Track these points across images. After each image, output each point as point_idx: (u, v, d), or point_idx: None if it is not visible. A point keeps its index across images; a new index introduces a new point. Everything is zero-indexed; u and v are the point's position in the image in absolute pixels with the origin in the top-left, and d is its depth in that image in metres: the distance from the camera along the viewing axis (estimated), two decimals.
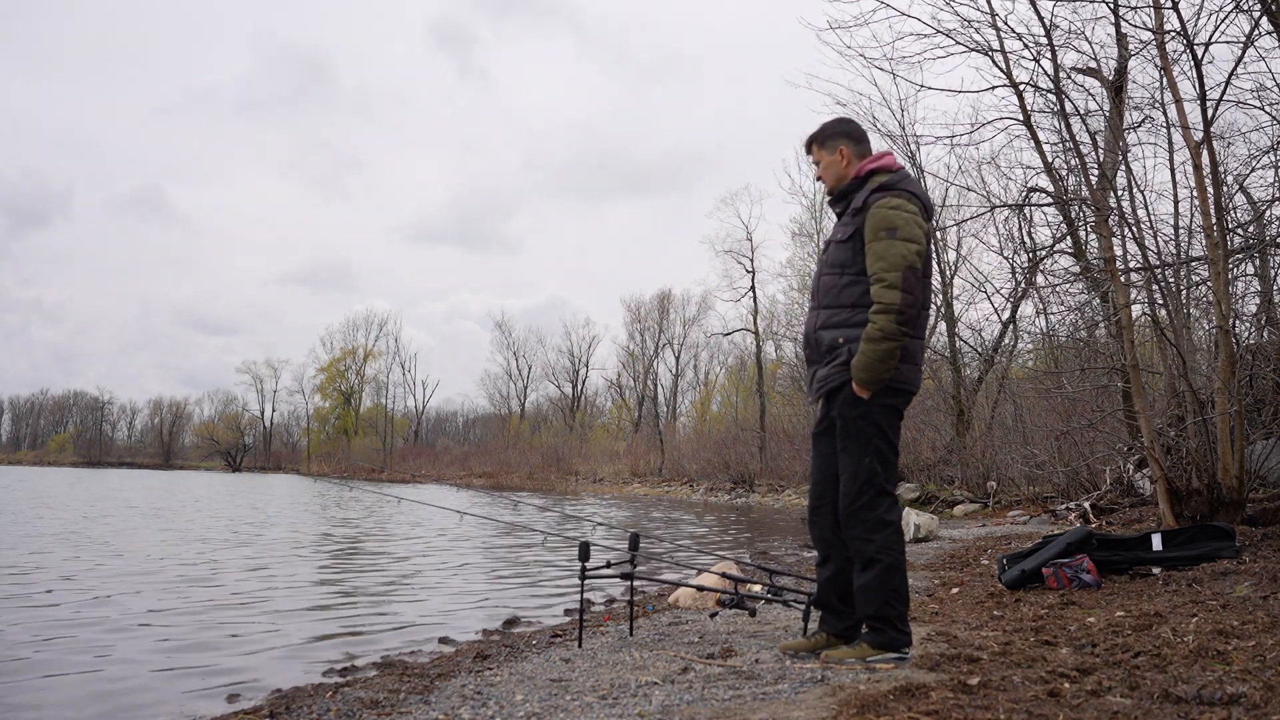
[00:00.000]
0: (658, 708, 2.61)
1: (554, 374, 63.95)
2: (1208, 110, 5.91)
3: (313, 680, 3.93)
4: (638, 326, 56.00)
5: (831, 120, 3.40)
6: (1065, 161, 8.37)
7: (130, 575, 7.44)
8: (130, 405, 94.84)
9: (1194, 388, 6.42)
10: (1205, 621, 3.37)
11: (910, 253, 3.02)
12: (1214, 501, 6.03)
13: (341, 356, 71.44)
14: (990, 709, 2.27)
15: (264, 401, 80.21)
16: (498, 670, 3.55)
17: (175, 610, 5.80)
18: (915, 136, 16.37)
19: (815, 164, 3.38)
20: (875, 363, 3.01)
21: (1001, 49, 7.08)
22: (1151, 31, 6.24)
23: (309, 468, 62.85)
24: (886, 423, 3.14)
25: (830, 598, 3.32)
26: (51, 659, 4.38)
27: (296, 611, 5.84)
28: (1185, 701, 2.28)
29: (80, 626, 5.19)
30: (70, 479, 38.82)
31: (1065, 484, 11.60)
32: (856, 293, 3.14)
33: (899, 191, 3.13)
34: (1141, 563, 4.96)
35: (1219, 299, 5.89)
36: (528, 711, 2.67)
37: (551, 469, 43.20)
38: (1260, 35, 6.02)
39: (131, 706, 3.61)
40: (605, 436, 53.74)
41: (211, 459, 79.60)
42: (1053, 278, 10.89)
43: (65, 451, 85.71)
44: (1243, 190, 7.55)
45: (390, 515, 16.53)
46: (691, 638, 4.03)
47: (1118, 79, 8.13)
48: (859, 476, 3.10)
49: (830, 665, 3.04)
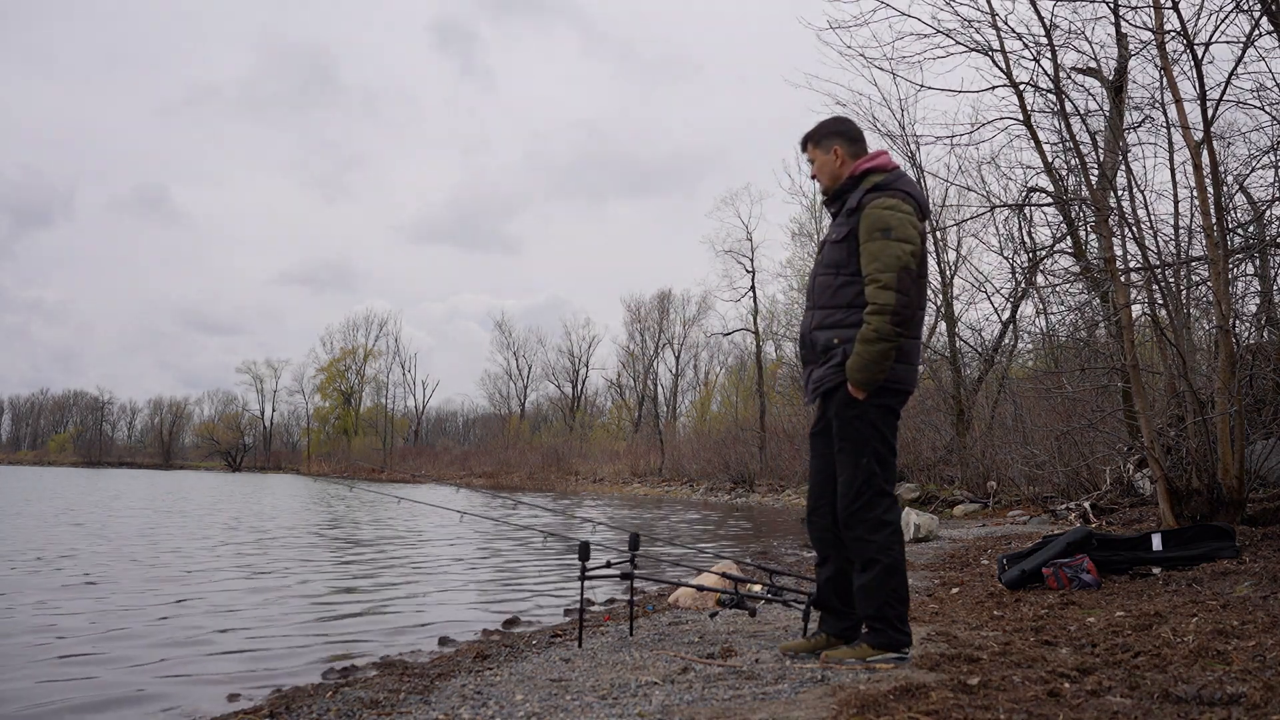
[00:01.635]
0: (658, 708, 2.61)
1: (554, 374, 64.04)
2: (1208, 110, 5.91)
3: (313, 680, 3.93)
4: (638, 326, 56.07)
5: (827, 119, 3.38)
6: (1065, 161, 8.36)
7: (130, 575, 7.44)
8: (130, 405, 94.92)
9: (1194, 388, 6.42)
10: (1205, 621, 3.37)
11: (905, 253, 3.01)
12: (1214, 501, 6.03)
13: (341, 356, 71.49)
14: (990, 709, 2.27)
15: (264, 401, 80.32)
16: (498, 670, 3.55)
17: (175, 610, 5.80)
18: (915, 136, 16.35)
19: (810, 163, 3.36)
20: (870, 363, 3.01)
21: (1001, 49, 7.09)
22: (1151, 31, 6.24)
23: (309, 468, 62.82)
24: (883, 423, 3.13)
25: (830, 598, 3.32)
26: (51, 658, 4.39)
27: (296, 611, 5.84)
28: (1185, 701, 2.28)
29: (80, 626, 5.19)
30: (75, 479, 38.80)
31: (1065, 484, 11.60)
32: (851, 293, 3.14)
33: (894, 191, 3.12)
34: (1141, 563, 4.96)
35: (1219, 299, 5.89)
36: (528, 711, 2.67)
37: (551, 469, 43.19)
38: (1260, 35, 6.02)
39: (132, 706, 3.61)
40: (605, 436, 53.73)
41: (211, 459, 79.55)
42: (1053, 278, 10.90)
43: (65, 451, 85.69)
44: (1243, 190, 7.55)
45: (390, 515, 16.53)
46: (691, 638, 4.03)
47: (1118, 79, 8.13)
48: (857, 477, 3.09)
49: (830, 665, 3.04)
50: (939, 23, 6.99)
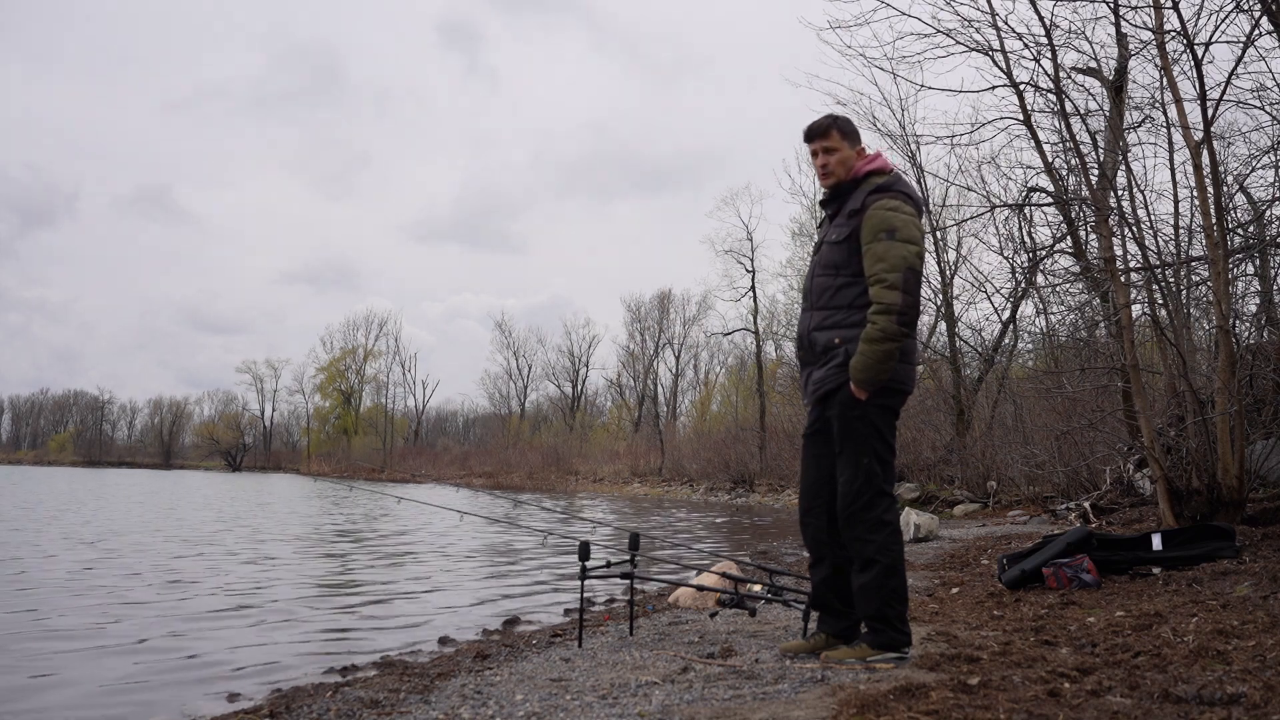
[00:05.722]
0: (658, 707, 2.61)
1: (554, 374, 64.00)
2: (1208, 110, 5.91)
3: (313, 680, 3.93)
4: (638, 326, 56.02)
5: (843, 117, 3.35)
6: (1065, 161, 8.36)
7: (130, 574, 7.44)
8: (130, 405, 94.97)
9: (1194, 388, 6.42)
10: (1205, 621, 3.37)
11: (910, 254, 3.03)
12: (1214, 501, 6.03)
13: (341, 356, 71.42)
14: (990, 709, 2.27)
15: (264, 401, 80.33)
16: (498, 670, 3.55)
17: (175, 609, 5.80)
18: (915, 136, 16.35)
19: (829, 151, 3.25)
20: (875, 363, 3.01)
21: (1002, 49, 7.08)
22: (1151, 31, 6.24)
23: (309, 467, 62.83)
24: (884, 423, 3.14)
25: (828, 598, 3.32)
26: (51, 658, 4.39)
27: (297, 611, 5.84)
28: (1185, 701, 2.28)
29: (80, 626, 5.19)
30: (75, 479, 38.80)
31: (1065, 484, 11.60)
32: (853, 294, 3.14)
33: (896, 193, 3.13)
34: (1141, 562, 4.96)
35: (1219, 299, 5.89)
36: (528, 711, 2.67)
37: (551, 469, 43.20)
38: (1260, 35, 6.02)
39: (131, 706, 3.61)
40: (605, 436, 53.69)
41: (211, 459, 79.56)
42: (1053, 278, 10.89)
43: (65, 451, 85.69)
44: (1243, 190, 7.56)
45: (390, 515, 16.53)
46: (691, 637, 4.03)
47: (1118, 79, 8.14)
48: (858, 478, 3.09)
49: (830, 665, 3.04)
50: (939, 22, 7.00)
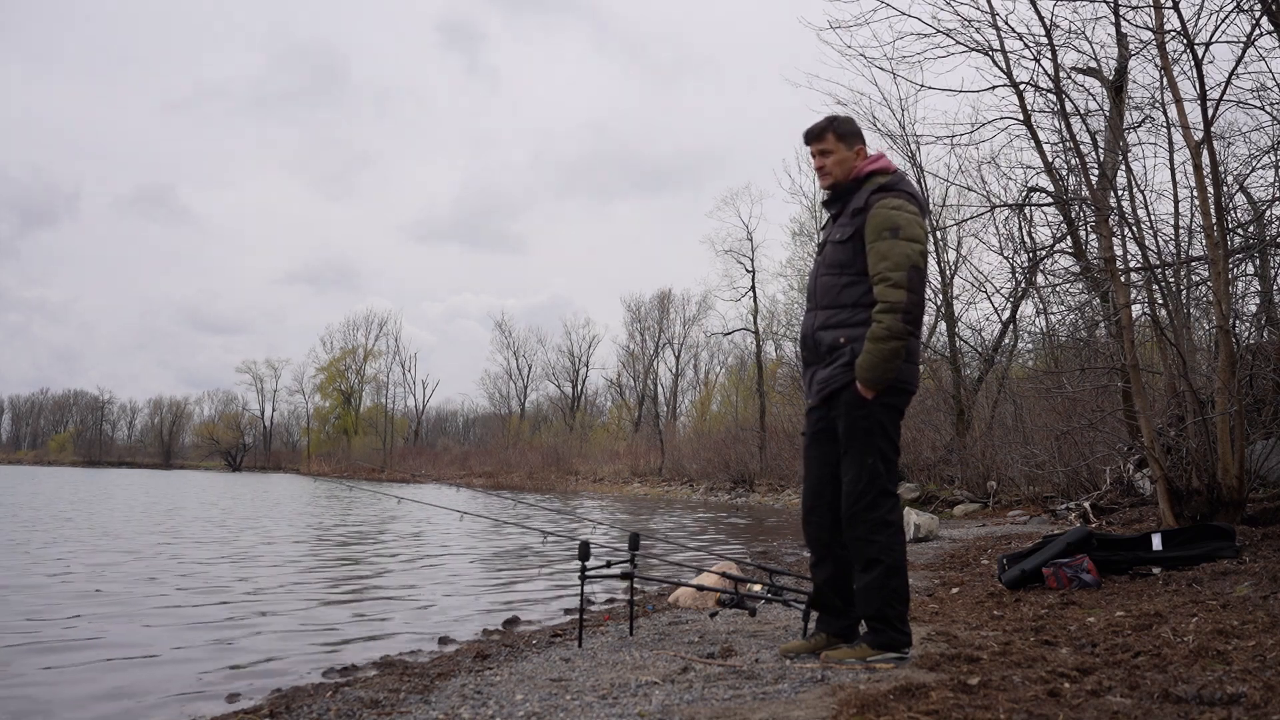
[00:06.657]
0: (658, 707, 2.61)
1: (554, 374, 63.95)
2: (1208, 110, 5.91)
3: (313, 680, 3.93)
4: (638, 326, 55.95)
5: (843, 117, 3.35)
6: (1065, 161, 8.36)
7: (130, 574, 7.44)
8: (130, 405, 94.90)
9: (1194, 388, 6.42)
10: (1205, 621, 3.37)
11: (914, 252, 3.04)
12: (1214, 501, 6.03)
13: (341, 356, 71.39)
14: (990, 709, 2.27)
15: (264, 401, 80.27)
16: (498, 670, 3.55)
17: (175, 609, 5.80)
18: (915, 136, 16.37)
19: (824, 153, 3.28)
20: (881, 362, 3.02)
21: (1002, 49, 7.08)
22: (1152, 31, 6.24)
23: (309, 467, 62.80)
24: (889, 422, 3.14)
25: (829, 597, 3.32)
26: (52, 658, 4.38)
27: (297, 611, 5.84)
28: (1185, 701, 2.28)
29: (80, 626, 5.19)
30: (76, 479, 38.81)
31: (1065, 484, 11.59)
32: (857, 293, 3.14)
33: (899, 193, 3.15)
34: (1141, 562, 4.96)
35: (1219, 299, 5.89)
36: (528, 711, 2.67)
37: (551, 469, 43.18)
38: (1260, 35, 6.02)
39: (131, 705, 3.61)
40: (605, 436, 53.66)
41: (211, 459, 79.54)
42: (1053, 278, 10.88)
43: (65, 451, 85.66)
44: (1243, 190, 7.56)
45: (390, 515, 16.52)
46: (691, 637, 4.03)
47: (1118, 79, 8.13)
48: (862, 477, 3.09)
49: (830, 665, 3.04)
50: (939, 22, 7.00)
